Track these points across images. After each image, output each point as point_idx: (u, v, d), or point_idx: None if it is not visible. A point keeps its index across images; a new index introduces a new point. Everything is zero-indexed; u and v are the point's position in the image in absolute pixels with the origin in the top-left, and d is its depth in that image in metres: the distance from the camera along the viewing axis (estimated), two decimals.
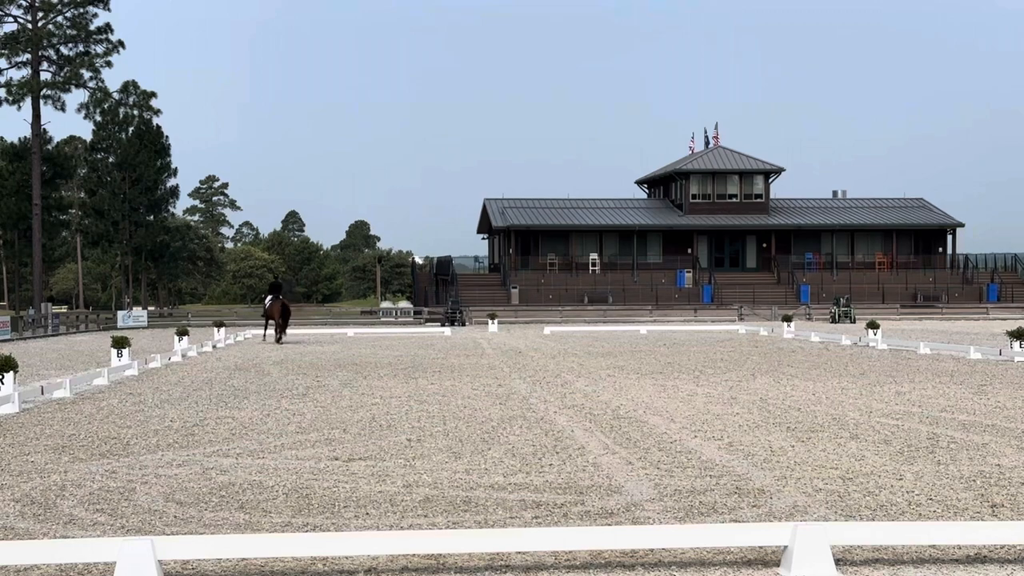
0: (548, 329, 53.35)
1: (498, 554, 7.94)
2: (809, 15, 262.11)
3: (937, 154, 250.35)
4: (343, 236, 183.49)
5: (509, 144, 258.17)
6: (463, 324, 65.19)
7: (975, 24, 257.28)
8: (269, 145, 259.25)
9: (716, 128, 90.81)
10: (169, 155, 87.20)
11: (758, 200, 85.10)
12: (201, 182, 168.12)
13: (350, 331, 53.28)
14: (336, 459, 12.53)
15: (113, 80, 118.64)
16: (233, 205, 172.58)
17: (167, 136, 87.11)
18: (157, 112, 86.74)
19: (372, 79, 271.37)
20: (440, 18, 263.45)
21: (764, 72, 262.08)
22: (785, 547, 7.63)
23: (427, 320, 70.30)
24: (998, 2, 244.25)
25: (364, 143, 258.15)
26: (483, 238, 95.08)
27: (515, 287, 78.60)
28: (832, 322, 63.50)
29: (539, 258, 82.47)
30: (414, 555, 7.90)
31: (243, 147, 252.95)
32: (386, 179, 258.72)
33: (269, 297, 42.60)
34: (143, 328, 64.37)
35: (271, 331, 43.20)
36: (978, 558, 7.91)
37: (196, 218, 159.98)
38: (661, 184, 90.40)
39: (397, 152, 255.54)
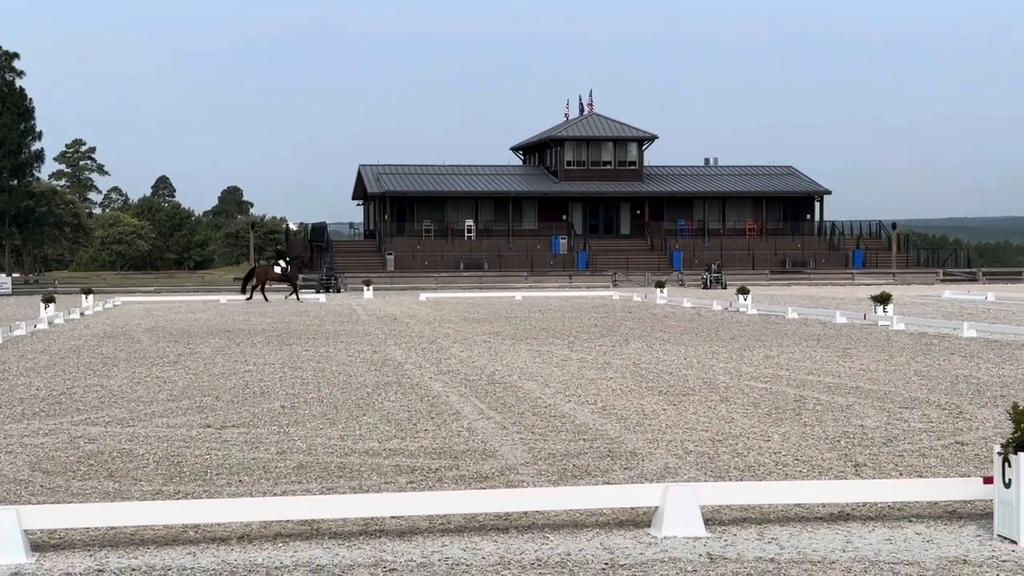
0: (424, 296, 53.30)
1: (373, 519, 7.94)
2: None
3: (806, 122, 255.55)
4: (215, 202, 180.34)
5: (385, 111, 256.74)
6: (338, 291, 64.80)
7: None
8: (138, 109, 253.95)
9: (591, 95, 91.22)
10: (33, 118, 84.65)
11: (632, 167, 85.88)
12: (67, 146, 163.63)
13: (223, 298, 52.56)
14: (208, 426, 12.39)
15: None
16: (101, 170, 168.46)
17: (31, 99, 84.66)
18: (20, 74, 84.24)
19: (242, 44, 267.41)
20: None
21: (638, 39, 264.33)
22: (656, 508, 7.75)
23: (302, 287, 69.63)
24: None
25: (237, 108, 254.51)
26: (358, 204, 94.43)
27: (390, 254, 78.30)
28: (704, 288, 64.50)
29: (415, 225, 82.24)
30: (288, 521, 7.86)
31: (111, 111, 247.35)
32: (259, 145, 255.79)
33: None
34: (7, 296, 62.69)
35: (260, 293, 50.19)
36: (841, 516, 8.13)
37: (62, 183, 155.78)
38: (536, 151, 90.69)
39: (270, 118, 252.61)
